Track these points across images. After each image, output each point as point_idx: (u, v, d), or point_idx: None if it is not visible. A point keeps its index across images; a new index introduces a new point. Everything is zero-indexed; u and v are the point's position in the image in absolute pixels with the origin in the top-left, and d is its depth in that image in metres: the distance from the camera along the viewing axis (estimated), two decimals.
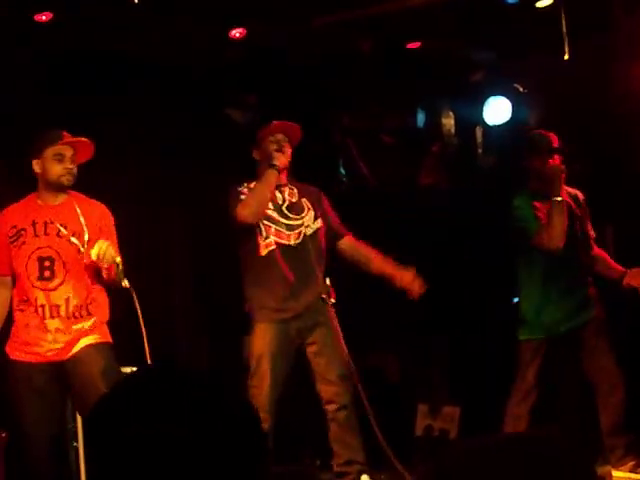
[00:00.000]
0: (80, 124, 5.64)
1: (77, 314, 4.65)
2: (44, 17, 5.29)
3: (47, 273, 4.63)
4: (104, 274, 4.59)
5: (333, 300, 5.22)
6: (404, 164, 7.47)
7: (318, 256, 5.33)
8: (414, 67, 6.74)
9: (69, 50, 5.71)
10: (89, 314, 4.69)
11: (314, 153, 5.48)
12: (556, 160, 5.58)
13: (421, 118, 7.48)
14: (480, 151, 7.59)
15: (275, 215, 5.30)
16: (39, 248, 4.64)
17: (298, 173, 5.56)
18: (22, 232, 4.65)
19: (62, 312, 4.62)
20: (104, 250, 4.46)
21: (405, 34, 6.42)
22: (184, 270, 6.60)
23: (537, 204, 5.54)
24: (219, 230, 5.60)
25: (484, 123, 7.30)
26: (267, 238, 5.26)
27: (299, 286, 5.25)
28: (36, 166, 4.69)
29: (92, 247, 4.53)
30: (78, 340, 4.64)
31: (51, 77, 5.82)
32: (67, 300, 4.62)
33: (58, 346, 4.62)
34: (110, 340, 4.77)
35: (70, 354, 4.63)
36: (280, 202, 5.34)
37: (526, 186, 5.69)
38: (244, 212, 5.18)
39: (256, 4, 5.77)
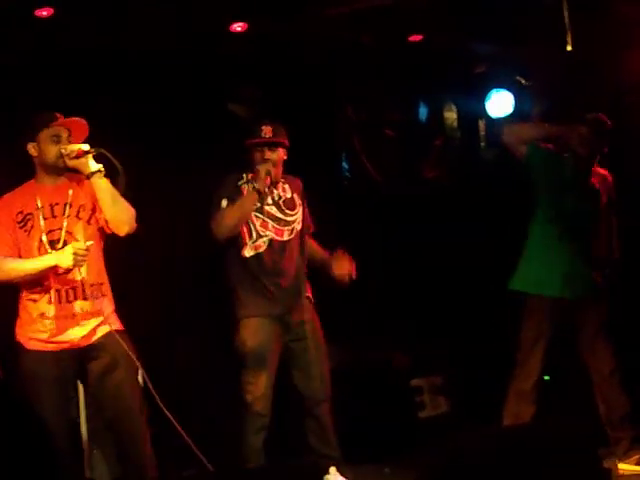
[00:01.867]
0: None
1: (94, 293, 4.62)
2: (45, 12, 5.26)
3: None
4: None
5: (309, 295, 5.35)
6: (407, 158, 7.45)
7: (304, 252, 5.41)
8: (416, 60, 6.72)
9: (70, 45, 5.68)
10: (102, 295, 4.67)
11: (317, 147, 5.47)
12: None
13: (424, 112, 7.48)
14: (483, 144, 7.59)
15: (273, 210, 5.34)
16: (50, 231, 4.58)
17: (300, 168, 5.56)
18: (29, 216, 4.59)
19: (79, 293, 4.58)
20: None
21: (407, 27, 6.40)
22: (184, 267, 6.58)
23: None
24: None
25: (487, 116, 7.30)
26: (259, 238, 5.29)
27: (288, 283, 5.32)
28: (32, 149, 4.63)
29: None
30: (99, 327, 4.61)
31: (50, 72, 5.80)
32: (82, 280, 4.57)
33: (84, 332, 4.58)
34: (122, 327, 4.72)
35: (92, 341, 4.60)
36: (276, 198, 5.38)
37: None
38: (216, 230, 5.23)
39: None
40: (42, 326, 4.56)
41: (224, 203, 5.25)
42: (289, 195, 5.44)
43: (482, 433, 3.44)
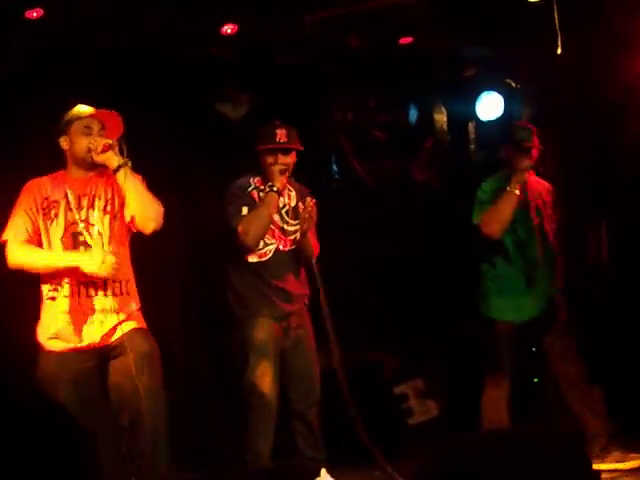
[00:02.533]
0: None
1: (117, 291, 4.53)
2: (35, 14, 5.24)
3: (82, 249, 4.47)
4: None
5: (323, 304, 5.28)
6: (396, 160, 7.45)
7: (304, 260, 5.36)
8: (407, 63, 6.72)
9: (60, 46, 5.67)
10: (127, 293, 4.57)
11: (306, 149, 5.46)
12: (532, 155, 5.66)
13: (413, 114, 7.48)
14: (472, 147, 7.59)
15: (277, 219, 5.31)
16: (73, 223, 4.50)
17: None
18: (55, 204, 4.51)
19: (100, 288, 4.47)
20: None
21: (398, 30, 6.39)
22: (182, 267, 6.57)
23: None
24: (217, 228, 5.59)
25: (477, 119, 7.30)
26: (265, 246, 5.25)
27: (290, 290, 5.30)
28: (64, 142, 4.55)
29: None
30: (120, 325, 4.50)
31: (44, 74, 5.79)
32: (104, 282, 4.48)
33: (104, 330, 4.48)
34: (145, 326, 4.63)
35: (112, 339, 4.50)
36: (281, 206, 5.34)
37: (500, 171, 5.76)
38: (246, 239, 5.16)
39: (247, 0, 5.76)
40: (61, 325, 4.46)
41: (245, 210, 5.19)
42: (293, 204, 5.40)
43: (472, 436, 3.44)
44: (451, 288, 7.10)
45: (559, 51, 5.72)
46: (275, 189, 5.19)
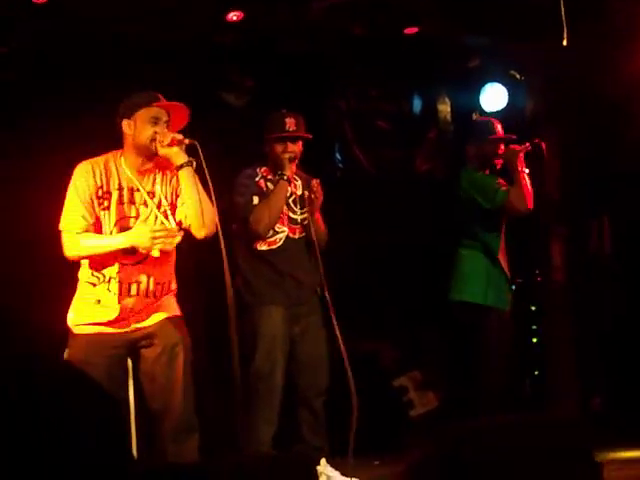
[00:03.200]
0: (75, 107, 5.63)
1: (157, 293, 4.45)
2: None
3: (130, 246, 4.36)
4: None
5: (326, 292, 5.28)
6: (400, 150, 7.44)
7: (314, 248, 5.34)
8: (411, 52, 6.71)
9: (63, 31, 5.66)
10: (168, 292, 4.50)
11: (310, 138, 5.45)
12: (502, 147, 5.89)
13: (417, 104, 7.47)
14: None
15: (285, 208, 5.31)
16: (123, 217, 4.38)
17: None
18: (107, 196, 4.37)
19: (142, 289, 4.40)
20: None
21: (403, 19, 6.38)
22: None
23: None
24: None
25: (481, 110, 7.28)
26: (275, 234, 5.25)
27: (300, 278, 5.29)
28: (127, 127, 4.41)
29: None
30: (153, 314, 4.44)
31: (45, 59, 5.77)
32: (148, 277, 4.42)
33: (139, 320, 4.41)
34: (180, 313, 4.56)
35: (145, 327, 4.43)
36: (288, 195, 5.33)
37: (466, 167, 5.94)
38: (258, 228, 5.17)
39: None
40: (96, 311, 4.38)
41: (255, 200, 5.20)
42: (300, 192, 5.39)
43: (471, 427, 3.43)
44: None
45: (565, 42, 5.71)
46: (285, 177, 5.19)
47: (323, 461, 5.18)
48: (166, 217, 4.42)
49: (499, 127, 6.00)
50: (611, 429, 5.63)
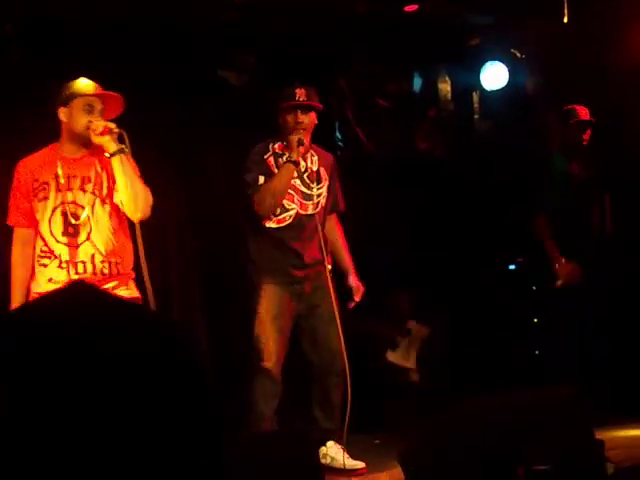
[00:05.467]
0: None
1: (104, 271, 4.51)
2: None
3: (71, 229, 4.48)
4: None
5: (330, 266, 5.26)
6: (400, 128, 7.43)
7: (324, 225, 5.34)
8: (411, 31, 6.68)
9: (63, 14, 5.63)
10: (117, 273, 4.56)
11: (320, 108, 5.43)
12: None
13: (417, 82, 7.46)
14: (477, 117, 7.57)
15: (297, 184, 5.25)
16: (63, 203, 4.50)
17: None
18: (45, 186, 4.51)
19: (88, 269, 4.48)
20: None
21: None
22: (183, 244, 6.56)
23: None
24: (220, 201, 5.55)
25: (481, 88, 7.28)
26: (285, 211, 5.21)
27: (308, 256, 5.24)
28: (62, 114, 4.52)
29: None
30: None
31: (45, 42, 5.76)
32: (92, 257, 4.49)
33: None
34: (139, 295, 4.59)
35: None
36: (302, 170, 5.28)
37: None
38: (260, 209, 5.14)
39: None
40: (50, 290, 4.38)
41: (261, 180, 5.16)
42: (315, 168, 5.33)
43: (470, 403, 3.44)
44: (452, 256, 7.14)
45: (565, 20, 5.69)
46: (293, 160, 5.16)
47: (330, 443, 5.17)
48: (103, 201, 4.53)
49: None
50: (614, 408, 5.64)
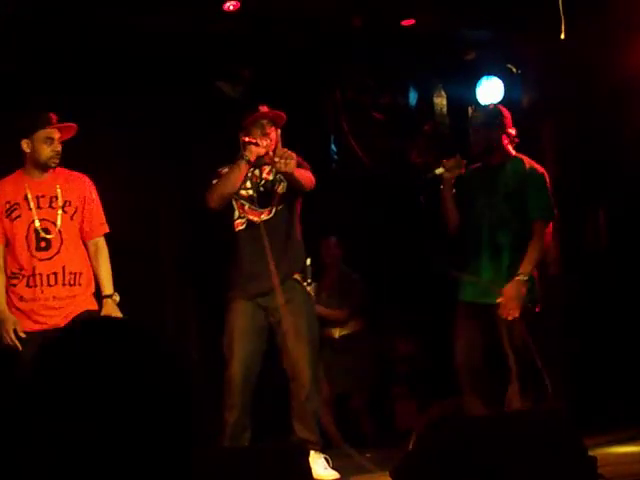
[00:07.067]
0: (71, 97, 5.62)
1: (72, 281, 4.90)
2: None
3: (43, 244, 4.87)
4: None
5: (309, 280, 5.28)
6: (395, 142, 7.43)
7: (289, 232, 5.33)
8: (408, 45, 6.69)
9: (55, 23, 5.64)
10: (79, 284, 4.93)
11: (305, 129, 5.44)
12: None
13: (413, 97, 7.45)
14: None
15: (251, 193, 5.30)
16: (34, 221, 4.87)
17: (289, 149, 5.49)
18: (16, 206, 4.89)
19: (59, 280, 4.86)
20: None
21: (400, 11, 6.36)
22: (171, 253, 6.56)
23: None
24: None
25: (476, 103, 7.27)
26: (239, 218, 5.29)
27: (269, 263, 5.19)
28: (25, 145, 4.88)
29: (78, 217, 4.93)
30: (72, 307, 4.88)
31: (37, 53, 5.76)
32: (63, 268, 4.88)
33: (54, 313, 4.84)
34: (96, 307, 4.98)
35: (67, 320, 4.81)
36: (257, 180, 5.33)
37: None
38: (208, 200, 5.25)
39: None
40: (24, 307, 4.85)
41: (221, 174, 5.30)
42: (272, 177, 5.34)
43: (464, 420, 3.43)
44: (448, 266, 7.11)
45: (562, 36, 5.69)
46: (246, 158, 5.18)
47: (312, 453, 5.17)
48: (71, 217, 4.93)
49: None
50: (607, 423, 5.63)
